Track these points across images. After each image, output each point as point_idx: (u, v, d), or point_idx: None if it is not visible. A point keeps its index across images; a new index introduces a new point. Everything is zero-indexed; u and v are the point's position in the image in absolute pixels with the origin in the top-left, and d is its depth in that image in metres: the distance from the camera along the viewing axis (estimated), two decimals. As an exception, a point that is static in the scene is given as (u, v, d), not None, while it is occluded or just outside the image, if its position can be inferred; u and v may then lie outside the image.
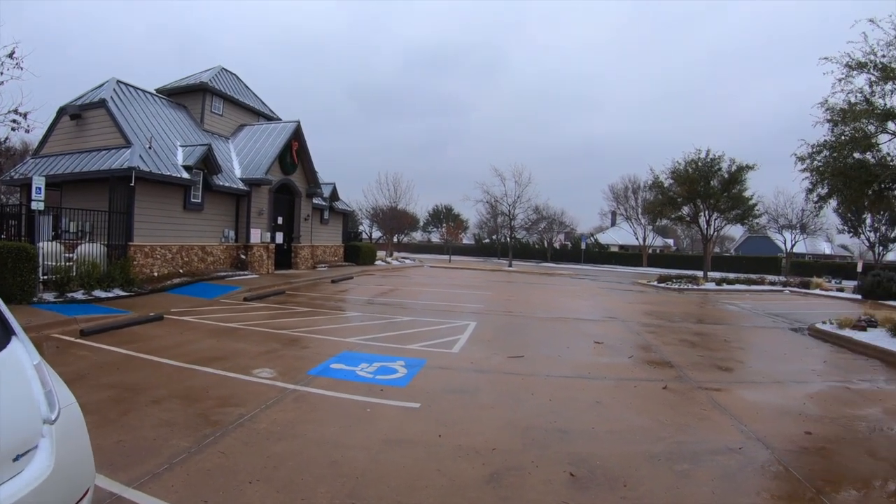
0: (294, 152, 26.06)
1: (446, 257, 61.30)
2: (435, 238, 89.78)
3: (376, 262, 37.70)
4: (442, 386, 7.40)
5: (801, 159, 14.72)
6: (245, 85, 29.12)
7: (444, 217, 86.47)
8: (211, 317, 12.64)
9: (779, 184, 59.87)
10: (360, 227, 61.50)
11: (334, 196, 33.03)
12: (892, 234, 42.99)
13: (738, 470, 5.17)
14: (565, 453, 5.19)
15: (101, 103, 19.33)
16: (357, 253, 34.75)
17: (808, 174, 14.66)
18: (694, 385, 8.36)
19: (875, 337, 12.35)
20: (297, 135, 26.19)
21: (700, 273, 34.81)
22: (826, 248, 72.75)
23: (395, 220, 54.88)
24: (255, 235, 23.72)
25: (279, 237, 25.82)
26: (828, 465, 5.50)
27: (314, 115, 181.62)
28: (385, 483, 4.36)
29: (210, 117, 25.22)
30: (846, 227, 45.35)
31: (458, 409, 6.45)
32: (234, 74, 28.49)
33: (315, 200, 29.33)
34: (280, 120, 28.71)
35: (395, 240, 60.30)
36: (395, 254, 53.72)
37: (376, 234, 62.14)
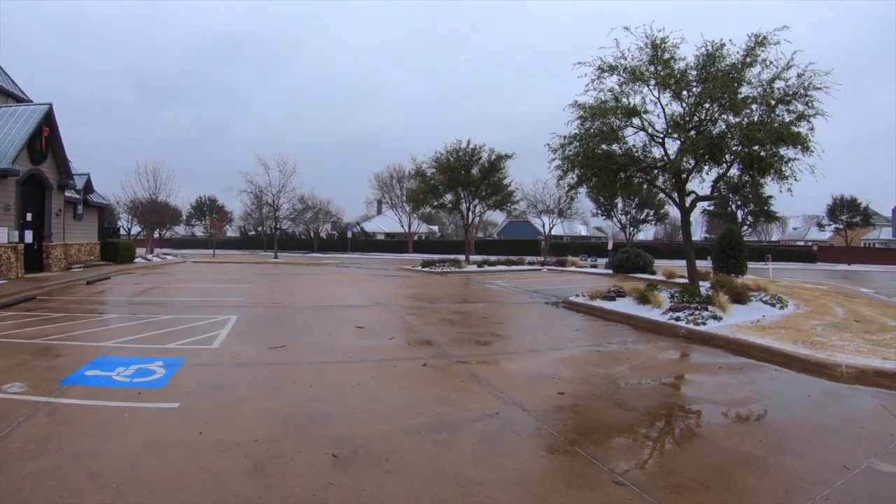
0: (44, 139, 23.79)
1: (211, 252, 58.61)
2: (199, 232, 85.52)
3: (136, 260, 35.52)
4: (201, 383, 7.49)
5: (554, 150, 16.70)
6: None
7: (207, 209, 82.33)
8: (-53, 334, 10.80)
9: (538, 173, 66.25)
10: (119, 223, 56.22)
11: (88, 188, 31.31)
12: (642, 217, 50.53)
13: (496, 433, 5.73)
14: (328, 436, 5.47)
15: None
16: (115, 251, 33.55)
17: (559, 164, 16.63)
18: (453, 360, 9.08)
19: (623, 305, 14.46)
20: (49, 119, 23.92)
21: (463, 257, 37.20)
22: (582, 230, 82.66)
23: (155, 214, 51.29)
24: (2, 235, 20.46)
25: (28, 236, 23.35)
26: (580, 419, 6.32)
27: (86, 100, 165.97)
28: (147, 488, 4.36)
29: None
30: (600, 211, 52.25)
31: (218, 404, 6.60)
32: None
33: (67, 193, 27.70)
34: (31, 102, 25.35)
35: (157, 235, 56.73)
36: (157, 250, 50.99)
37: (136, 229, 57.14)
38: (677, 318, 12.24)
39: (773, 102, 13.73)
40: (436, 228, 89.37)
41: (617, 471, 4.85)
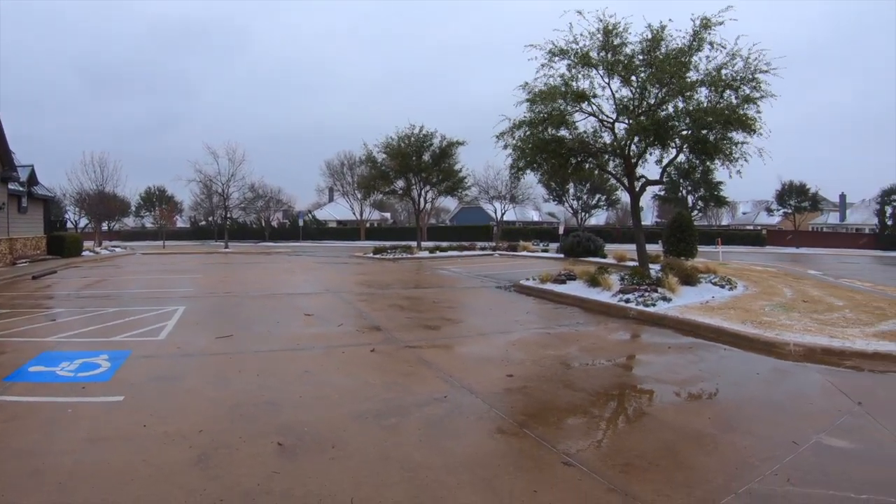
0: (-15, 130, 22.15)
1: (161, 243, 57.56)
2: (149, 223, 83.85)
3: (84, 254, 34.73)
4: (147, 375, 7.38)
5: (502, 135, 16.65)
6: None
7: (157, 200, 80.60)
8: None
9: (490, 159, 66.58)
10: (66, 216, 54.56)
11: (33, 180, 30.70)
12: (593, 202, 51.29)
13: (444, 417, 5.69)
14: (274, 425, 5.45)
15: None
16: (62, 244, 32.85)
17: (509, 149, 16.63)
18: (402, 345, 9.05)
19: (573, 288, 14.53)
20: (-11, 109, 22.30)
21: (415, 243, 37.14)
22: (535, 216, 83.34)
23: (102, 206, 50.03)
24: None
25: (-30, 231, 21.87)
26: (529, 401, 6.30)
27: (31, 89, 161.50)
28: (90, 484, 4.27)
29: None
30: (552, 197, 52.90)
31: (163, 396, 6.54)
32: None
33: (11, 186, 26.98)
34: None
35: (105, 227, 55.53)
36: (105, 243, 49.89)
37: (84, 222, 55.61)
38: (627, 300, 12.33)
39: (720, 87, 13.87)
40: (388, 216, 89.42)
41: (566, 451, 4.82)
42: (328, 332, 10.18)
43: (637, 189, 16.42)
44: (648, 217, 78.17)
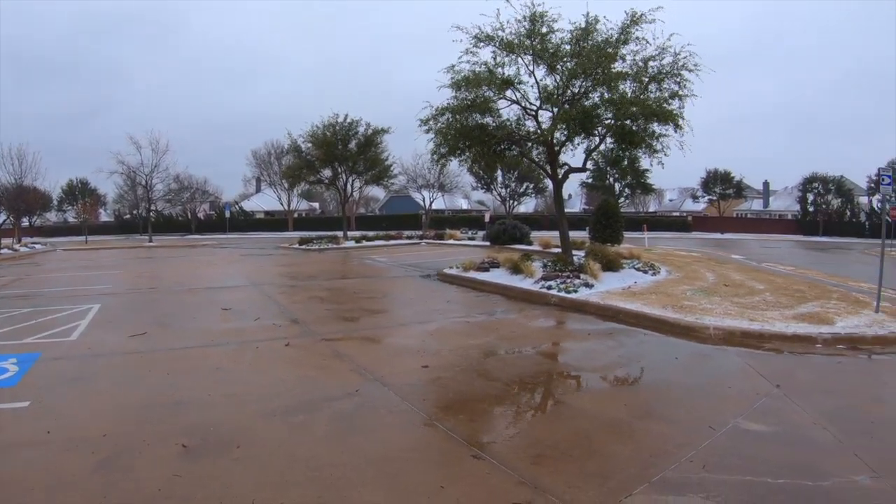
0: None
1: (83, 238, 55.31)
2: (72, 218, 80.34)
3: (1, 251, 33.61)
4: (55, 378, 7.17)
5: (425, 122, 16.43)
6: None
7: (80, 193, 77.23)
8: None
9: (419, 147, 66.41)
10: None
11: None
12: (521, 190, 51.82)
13: (354, 411, 5.55)
14: (180, 426, 5.33)
15: None
16: None
17: (431, 135, 16.46)
18: (318, 338, 8.86)
19: (496, 276, 14.51)
20: None
21: (341, 233, 36.75)
22: (464, 204, 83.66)
23: (21, 200, 47.68)
24: None
25: None
26: (442, 392, 6.17)
27: None
28: None
29: None
30: (480, 185, 53.21)
31: (70, 400, 6.35)
32: None
33: None
34: None
35: (26, 223, 52.92)
36: (25, 239, 47.74)
37: (1, 217, 52.84)
38: (549, 287, 12.35)
39: (645, 80, 14.12)
40: (317, 205, 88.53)
41: (476, 444, 4.72)
42: (244, 326, 9.96)
43: (560, 176, 16.49)
44: (576, 204, 79.53)
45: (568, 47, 14.66)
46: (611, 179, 51.12)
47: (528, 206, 76.77)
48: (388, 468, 4.31)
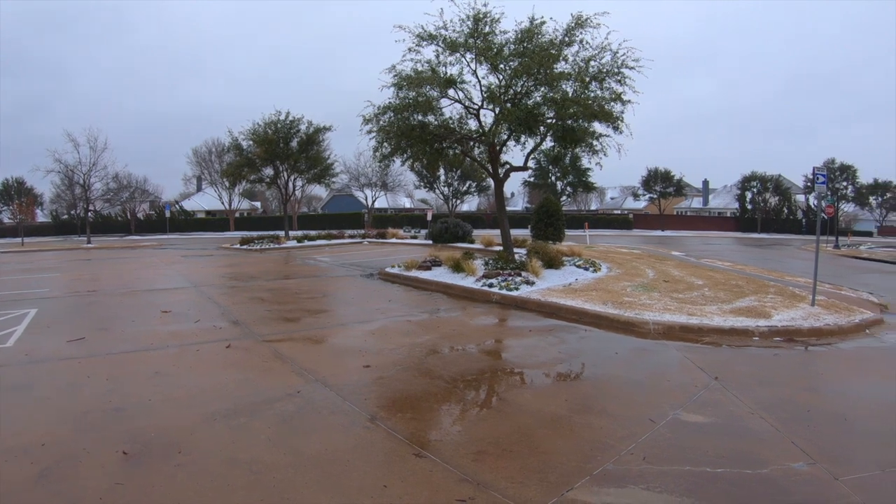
0: None
1: (19, 240, 53.16)
2: (7, 219, 77.08)
3: None
4: None
5: (367, 120, 16.43)
6: None
7: (15, 193, 74.13)
8: None
9: (360, 146, 66.22)
10: None
11: None
12: (464, 188, 52.11)
13: (295, 413, 5.51)
14: (120, 432, 5.24)
15: None
16: None
17: (373, 134, 16.43)
18: (258, 340, 8.76)
19: (438, 274, 14.59)
20: None
21: (283, 233, 36.40)
22: (407, 203, 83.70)
23: None
24: None
25: None
26: (384, 391, 6.17)
27: None
28: None
29: None
30: (423, 183, 53.34)
31: (7, 408, 6.12)
32: None
33: None
34: None
35: None
36: None
37: None
38: (490, 285, 12.48)
39: (587, 79, 14.32)
40: (258, 205, 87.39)
41: (418, 442, 4.74)
42: (184, 329, 9.76)
43: (501, 175, 16.67)
44: (519, 203, 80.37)
45: (512, 47, 14.81)
46: (553, 178, 51.87)
47: (471, 204, 77.40)
48: (330, 469, 4.31)
